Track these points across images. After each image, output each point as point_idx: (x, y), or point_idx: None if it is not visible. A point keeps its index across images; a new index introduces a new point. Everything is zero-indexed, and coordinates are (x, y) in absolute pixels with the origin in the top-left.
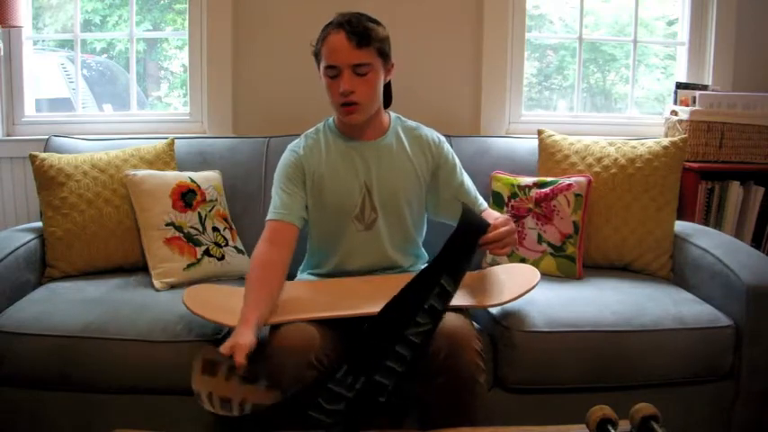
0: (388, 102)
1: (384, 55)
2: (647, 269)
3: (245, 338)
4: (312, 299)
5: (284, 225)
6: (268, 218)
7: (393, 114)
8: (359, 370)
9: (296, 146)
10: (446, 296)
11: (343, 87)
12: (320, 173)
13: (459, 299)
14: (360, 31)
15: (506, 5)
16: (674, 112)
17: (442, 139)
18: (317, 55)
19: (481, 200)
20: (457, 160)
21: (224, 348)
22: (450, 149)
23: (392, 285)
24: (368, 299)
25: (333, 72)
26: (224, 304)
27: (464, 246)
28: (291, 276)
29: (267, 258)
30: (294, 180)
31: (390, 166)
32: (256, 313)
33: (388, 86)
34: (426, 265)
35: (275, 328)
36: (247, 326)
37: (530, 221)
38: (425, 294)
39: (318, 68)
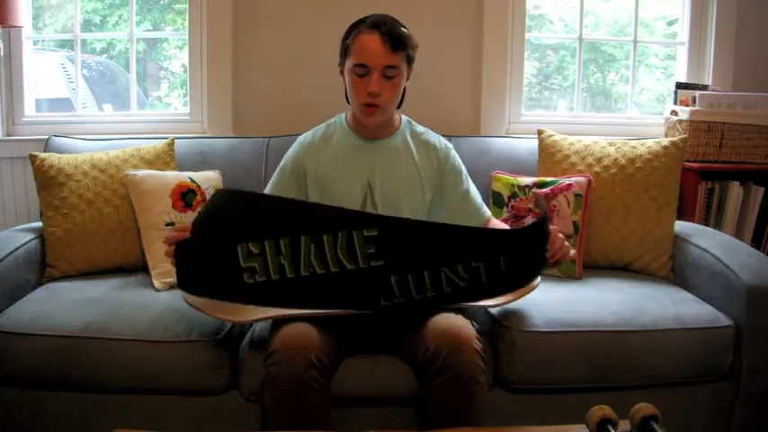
0: (399, 104)
1: (410, 61)
2: (647, 269)
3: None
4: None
5: None
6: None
7: (404, 117)
8: (384, 245)
9: (304, 139)
10: (494, 275)
11: (371, 88)
12: (324, 167)
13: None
14: (395, 35)
15: (506, 5)
16: (674, 112)
17: (450, 145)
18: (344, 50)
19: (485, 208)
20: (463, 167)
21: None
22: (457, 156)
23: None
24: None
25: (362, 71)
26: (223, 301)
27: (532, 249)
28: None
29: None
30: (290, 174)
31: (394, 167)
32: None
33: (402, 91)
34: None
35: (276, 326)
36: None
37: (530, 221)
38: (478, 252)
39: (341, 65)
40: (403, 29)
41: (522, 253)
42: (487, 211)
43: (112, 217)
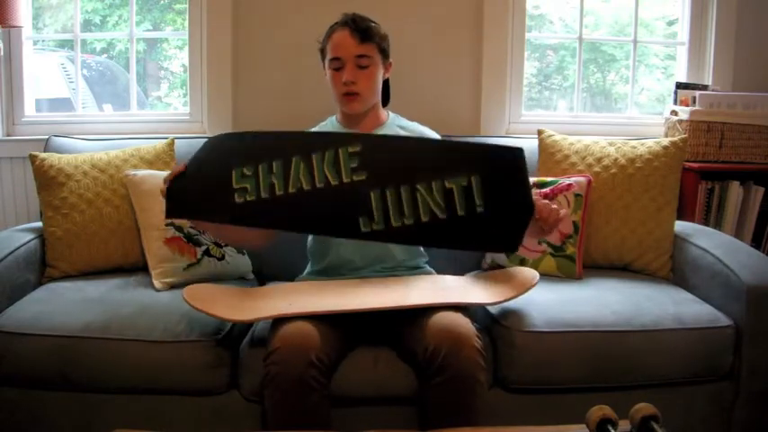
0: (386, 100)
1: (383, 52)
2: (647, 269)
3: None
4: (314, 296)
5: None
6: None
7: (391, 113)
8: (366, 159)
9: None
10: (469, 201)
11: (345, 77)
12: None
13: (458, 297)
14: (363, 28)
15: (506, 5)
16: (674, 112)
17: (438, 137)
18: (322, 51)
19: None
20: None
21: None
22: None
23: (395, 285)
24: (370, 297)
25: (337, 64)
26: (224, 300)
27: (507, 183)
28: (291, 280)
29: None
30: None
31: None
32: None
33: (386, 86)
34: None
35: (276, 326)
36: None
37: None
38: (450, 165)
39: (323, 64)
40: (372, 23)
41: (496, 181)
42: None
43: (112, 217)
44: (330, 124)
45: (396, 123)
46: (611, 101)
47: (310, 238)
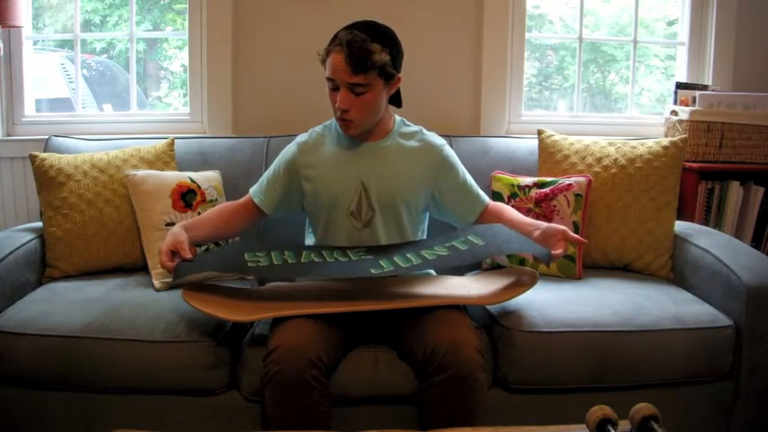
0: (399, 103)
1: (386, 74)
2: (647, 269)
3: (179, 236)
4: (314, 295)
5: (257, 208)
6: (252, 192)
7: (398, 118)
8: (374, 250)
9: (300, 140)
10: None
11: (338, 104)
12: (317, 169)
13: (458, 296)
14: (360, 56)
15: (506, 5)
16: (674, 112)
17: (443, 142)
18: (323, 63)
19: (483, 195)
20: (457, 160)
21: (164, 253)
22: (450, 151)
23: (395, 285)
24: (370, 297)
25: (332, 84)
26: (224, 300)
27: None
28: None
29: (232, 209)
30: (283, 174)
31: (389, 167)
32: (195, 226)
33: (397, 92)
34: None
35: (276, 325)
36: (181, 227)
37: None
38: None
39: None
40: (374, 45)
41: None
42: (486, 199)
43: (113, 217)
44: (334, 128)
45: (401, 129)
46: (611, 101)
47: (306, 238)
